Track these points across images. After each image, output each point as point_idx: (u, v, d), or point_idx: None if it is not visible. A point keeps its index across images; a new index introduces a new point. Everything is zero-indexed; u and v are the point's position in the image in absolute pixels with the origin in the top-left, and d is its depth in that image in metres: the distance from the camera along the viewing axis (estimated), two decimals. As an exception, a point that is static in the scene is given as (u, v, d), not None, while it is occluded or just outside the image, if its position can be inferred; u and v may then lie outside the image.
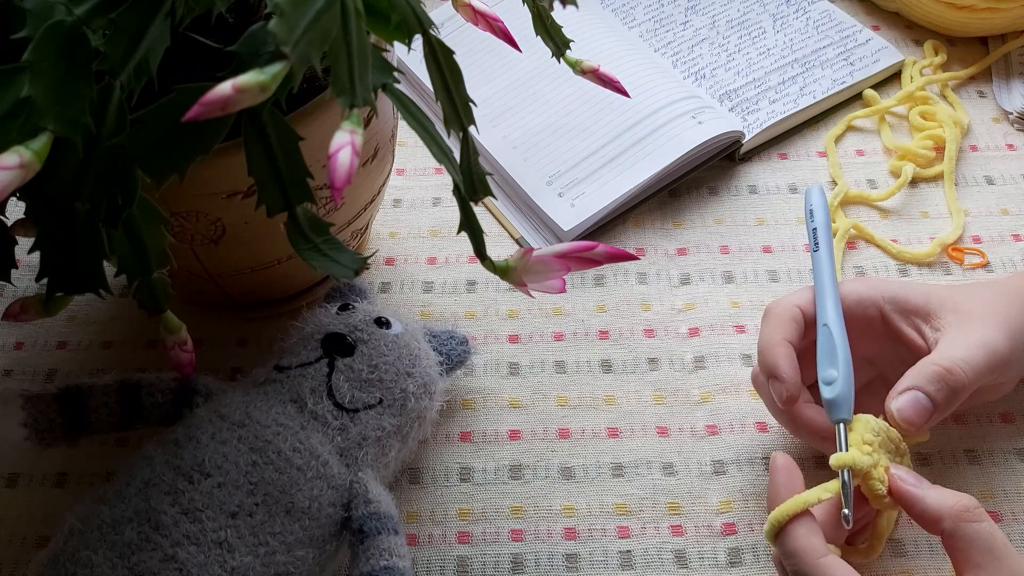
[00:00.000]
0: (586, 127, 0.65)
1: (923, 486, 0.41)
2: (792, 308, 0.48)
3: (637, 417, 0.53)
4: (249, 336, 0.57)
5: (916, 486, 0.41)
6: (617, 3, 0.76)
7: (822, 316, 0.47)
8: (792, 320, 0.47)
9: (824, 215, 0.51)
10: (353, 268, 0.37)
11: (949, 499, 0.40)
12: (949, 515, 0.40)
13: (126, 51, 0.32)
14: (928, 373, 0.44)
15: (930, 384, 0.44)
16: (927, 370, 0.44)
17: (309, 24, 0.29)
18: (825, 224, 0.50)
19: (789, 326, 0.47)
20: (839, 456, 0.42)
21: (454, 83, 0.37)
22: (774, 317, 0.48)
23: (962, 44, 0.73)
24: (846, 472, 0.42)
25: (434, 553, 0.48)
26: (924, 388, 0.44)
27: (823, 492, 0.41)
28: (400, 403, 0.47)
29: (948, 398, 0.44)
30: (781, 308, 0.48)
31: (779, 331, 0.47)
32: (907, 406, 0.44)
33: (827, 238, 0.50)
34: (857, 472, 0.42)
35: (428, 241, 0.62)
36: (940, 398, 0.44)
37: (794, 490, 0.42)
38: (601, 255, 0.39)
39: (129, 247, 0.37)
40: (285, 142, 0.35)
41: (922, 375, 0.44)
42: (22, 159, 0.29)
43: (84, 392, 0.45)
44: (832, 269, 0.48)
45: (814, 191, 0.52)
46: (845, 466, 0.42)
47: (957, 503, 0.40)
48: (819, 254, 0.49)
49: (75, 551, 0.40)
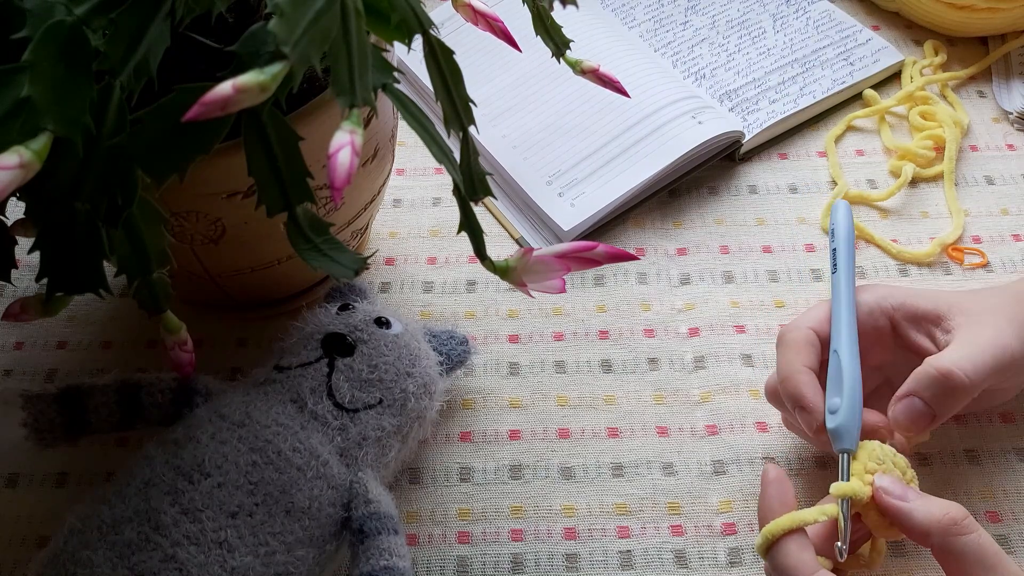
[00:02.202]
0: (586, 127, 0.65)
1: (909, 498, 0.40)
2: (807, 332, 0.47)
3: (637, 417, 0.53)
4: (249, 336, 0.57)
5: (902, 499, 0.40)
6: (617, 3, 0.76)
7: (835, 341, 0.46)
8: (808, 345, 0.46)
9: (846, 234, 0.49)
10: (353, 268, 0.37)
11: (936, 512, 0.39)
12: (937, 530, 0.39)
13: (126, 51, 0.32)
14: (925, 378, 0.44)
15: (927, 390, 0.43)
16: (924, 375, 0.44)
17: (309, 24, 0.29)
18: (847, 243, 0.49)
19: (807, 351, 0.46)
20: (838, 486, 0.42)
21: (454, 83, 0.37)
22: (791, 344, 0.46)
23: (962, 44, 0.73)
24: (845, 503, 0.41)
25: (434, 553, 0.48)
26: (921, 394, 0.44)
27: (819, 515, 0.41)
28: (400, 403, 0.47)
29: (946, 402, 0.43)
30: (796, 333, 0.47)
31: (798, 358, 0.46)
32: (902, 413, 0.44)
33: (847, 259, 0.48)
34: (856, 503, 0.41)
35: (428, 241, 0.62)
36: (937, 403, 0.43)
37: (787, 503, 0.42)
38: (601, 255, 0.39)
39: (129, 247, 0.37)
40: (285, 142, 0.35)
41: (919, 380, 0.44)
42: (22, 159, 0.29)
43: (84, 392, 0.45)
44: (850, 293, 0.47)
45: (839, 209, 0.50)
46: (844, 496, 0.41)
47: (944, 517, 0.39)
48: (837, 276, 0.48)
49: (75, 551, 0.40)
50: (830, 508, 0.41)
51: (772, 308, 0.58)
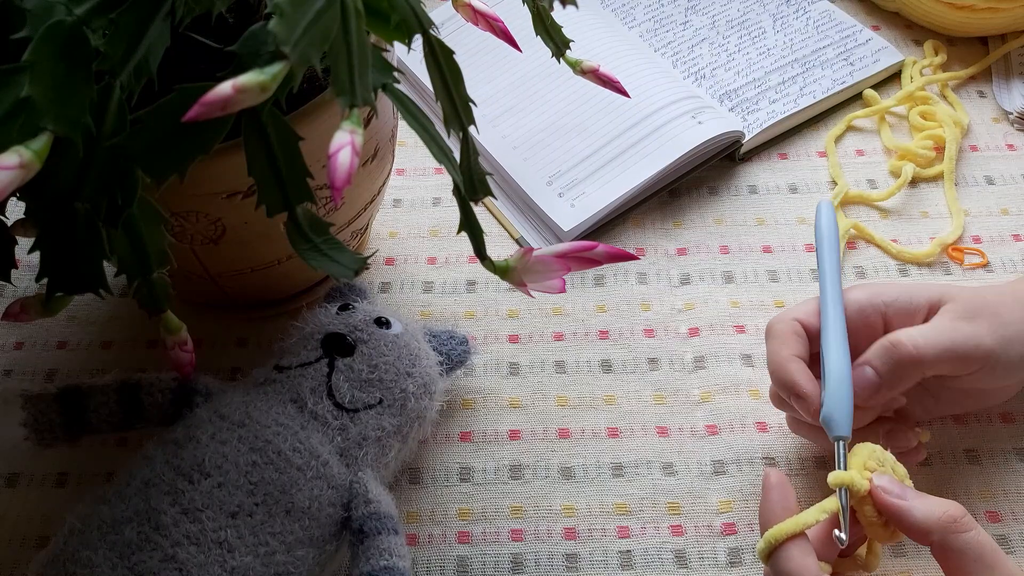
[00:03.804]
0: (586, 127, 0.65)
1: (908, 497, 0.41)
2: (792, 323, 0.47)
3: (637, 417, 0.53)
4: (249, 336, 0.57)
5: (901, 498, 0.41)
6: (617, 3, 0.76)
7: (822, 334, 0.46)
8: (795, 335, 0.47)
9: (828, 233, 0.50)
10: (353, 268, 0.37)
11: (936, 510, 0.40)
12: (937, 527, 0.39)
13: (126, 51, 0.32)
14: (877, 347, 0.45)
15: (877, 359, 0.44)
16: (878, 344, 0.45)
17: (309, 24, 0.29)
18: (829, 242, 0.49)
19: (793, 341, 0.47)
20: (837, 474, 0.42)
21: (454, 83, 0.37)
22: (777, 335, 0.47)
23: (962, 44, 0.73)
24: (843, 492, 0.41)
25: (434, 553, 0.48)
26: (872, 362, 0.45)
27: (820, 513, 0.41)
28: (400, 403, 0.47)
29: (893, 371, 0.44)
30: (782, 324, 0.48)
31: (785, 348, 0.47)
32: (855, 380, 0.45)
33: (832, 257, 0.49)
34: (854, 494, 0.41)
35: (428, 241, 0.62)
36: (885, 370, 0.44)
37: (788, 508, 0.42)
38: (601, 255, 0.39)
39: (129, 247, 0.37)
40: (285, 142, 0.35)
41: (873, 349, 0.45)
42: (22, 159, 0.29)
43: (84, 392, 0.45)
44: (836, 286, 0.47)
45: (820, 210, 0.51)
46: (842, 485, 0.41)
47: (944, 514, 0.39)
48: (822, 271, 0.49)
49: (75, 551, 0.40)
50: (830, 503, 0.41)
51: (772, 308, 0.58)
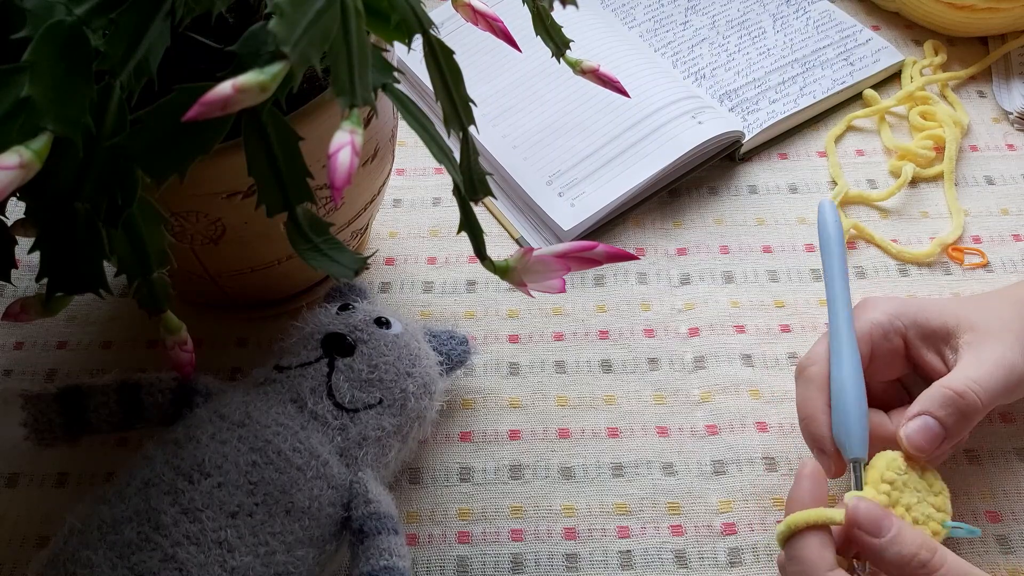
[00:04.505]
0: (586, 127, 0.65)
1: (884, 531, 0.39)
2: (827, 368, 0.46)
3: (637, 417, 0.53)
4: (249, 336, 0.57)
5: (874, 535, 0.39)
6: (617, 3, 0.76)
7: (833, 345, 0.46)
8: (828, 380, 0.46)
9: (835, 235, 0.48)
10: (353, 268, 0.37)
11: (906, 552, 0.39)
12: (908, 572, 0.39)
13: (126, 51, 0.32)
14: (939, 397, 0.43)
15: (941, 409, 0.43)
16: (938, 394, 0.43)
17: (309, 24, 0.29)
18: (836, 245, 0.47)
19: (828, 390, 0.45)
20: (851, 495, 0.41)
21: (454, 83, 0.37)
22: (812, 380, 0.46)
23: (962, 44, 0.73)
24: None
25: (434, 553, 0.48)
26: (935, 413, 0.43)
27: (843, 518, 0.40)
28: (400, 403, 0.47)
29: (959, 422, 0.43)
30: (816, 368, 0.46)
31: (820, 396, 0.45)
32: (916, 432, 0.43)
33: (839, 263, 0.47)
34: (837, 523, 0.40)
35: (428, 241, 0.62)
36: (951, 423, 0.43)
37: (818, 499, 0.41)
38: (601, 255, 0.39)
39: (129, 247, 0.37)
40: (285, 142, 0.35)
41: (932, 399, 0.43)
42: (22, 159, 0.29)
43: (84, 392, 0.45)
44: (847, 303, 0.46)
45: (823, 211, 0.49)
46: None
47: (914, 559, 0.39)
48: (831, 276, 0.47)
49: (75, 551, 0.40)
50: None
51: (772, 308, 0.58)
